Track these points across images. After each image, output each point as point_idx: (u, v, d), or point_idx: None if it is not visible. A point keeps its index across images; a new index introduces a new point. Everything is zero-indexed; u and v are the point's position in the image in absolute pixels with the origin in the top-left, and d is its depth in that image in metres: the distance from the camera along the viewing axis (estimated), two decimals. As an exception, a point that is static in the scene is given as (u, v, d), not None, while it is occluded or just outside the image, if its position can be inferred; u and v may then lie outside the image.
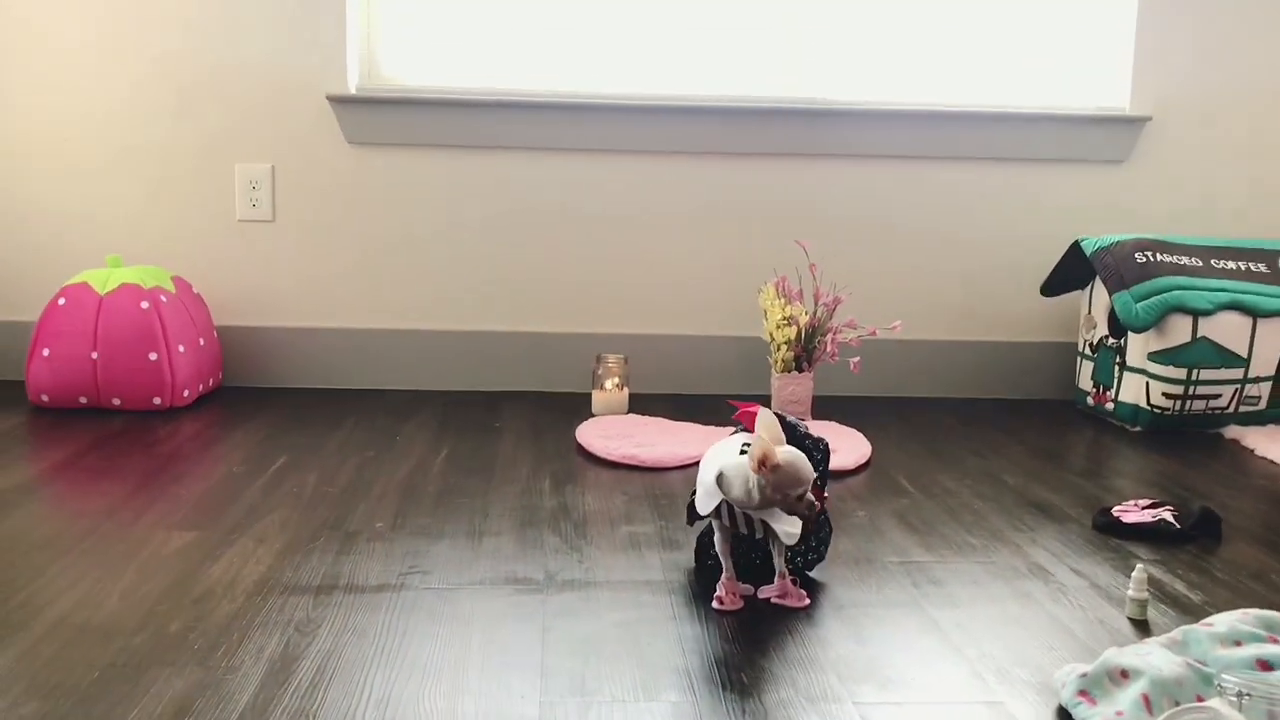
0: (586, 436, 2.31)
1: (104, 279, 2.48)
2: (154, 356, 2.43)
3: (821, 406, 2.63)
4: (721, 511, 1.46)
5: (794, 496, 1.40)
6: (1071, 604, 1.52)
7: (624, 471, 2.13)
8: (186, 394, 2.51)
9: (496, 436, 2.36)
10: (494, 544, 1.70)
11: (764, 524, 1.45)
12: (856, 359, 2.59)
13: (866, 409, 2.67)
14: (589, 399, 2.61)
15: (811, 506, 1.41)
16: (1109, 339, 2.62)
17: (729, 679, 1.27)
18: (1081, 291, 2.74)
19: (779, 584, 1.50)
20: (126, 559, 1.60)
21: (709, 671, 1.29)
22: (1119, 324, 2.54)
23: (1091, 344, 2.69)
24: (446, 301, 2.80)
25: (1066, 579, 1.62)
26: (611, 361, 2.60)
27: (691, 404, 2.68)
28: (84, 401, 2.46)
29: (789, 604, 1.49)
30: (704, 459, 1.53)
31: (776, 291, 2.56)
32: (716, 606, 1.47)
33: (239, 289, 2.76)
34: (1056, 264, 2.72)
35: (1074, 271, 2.70)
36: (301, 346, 2.78)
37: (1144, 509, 1.87)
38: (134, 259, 2.70)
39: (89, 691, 1.20)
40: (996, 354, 2.87)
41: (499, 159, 2.75)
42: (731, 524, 1.47)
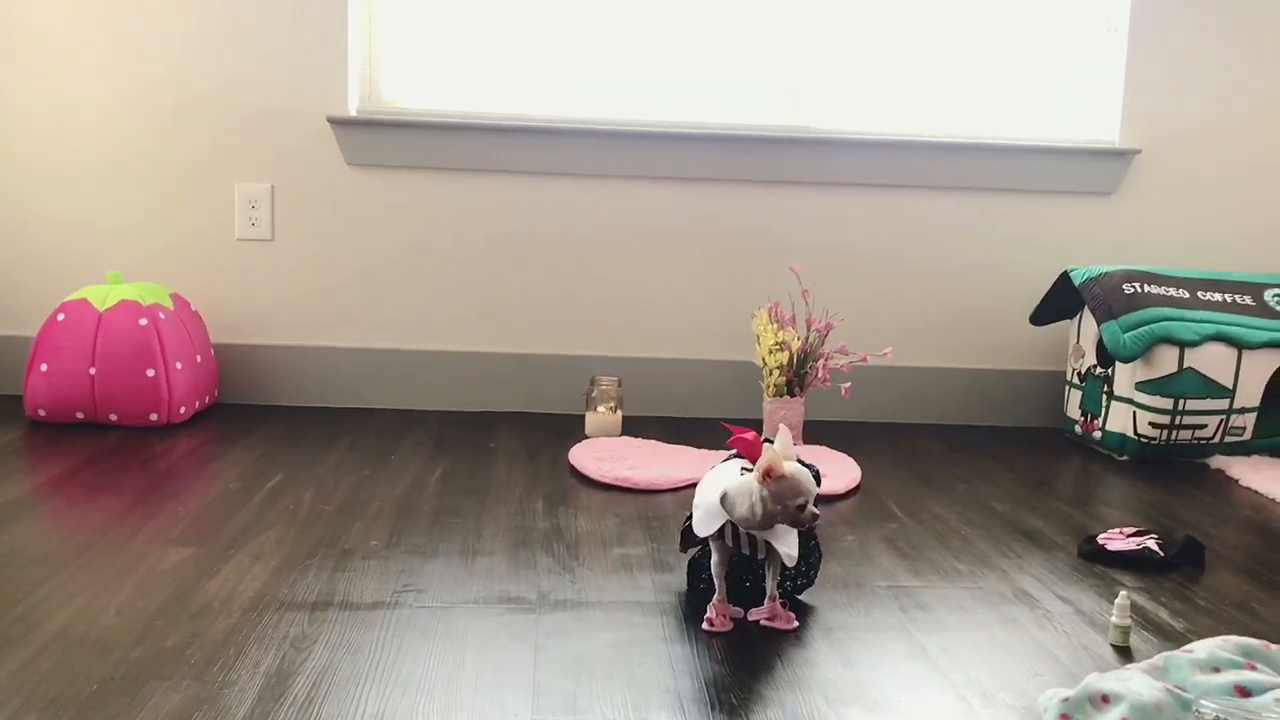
0: (580, 458, 2.33)
1: (103, 295, 2.50)
2: (151, 373, 2.45)
3: (812, 431, 2.66)
4: (725, 532, 1.49)
5: (795, 507, 1.43)
6: (1056, 630, 1.55)
7: (617, 493, 2.15)
8: (183, 410, 2.53)
9: (491, 457, 2.38)
10: (487, 563, 1.72)
11: (766, 544, 1.47)
12: (847, 385, 2.62)
13: (857, 434, 2.70)
14: (583, 421, 2.64)
15: (814, 516, 1.44)
16: (1097, 368, 2.65)
17: (718, 700, 1.29)
18: (1070, 321, 2.77)
19: (769, 606, 1.53)
20: (124, 574, 1.61)
21: (699, 692, 1.31)
22: (1107, 354, 2.58)
23: (1080, 373, 2.72)
24: (443, 322, 2.82)
25: (1052, 605, 1.64)
26: (605, 384, 2.62)
27: (684, 427, 2.70)
28: (81, 417, 2.47)
29: (778, 626, 1.51)
30: (702, 483, 1.56)
31: (769, 317, 2.59)
32: (707, 628, 1.49)
33: (237, 307, 2.79)
34: (1046, 294, 2.75)
35: (1063, 301, 2.73)
36: (298, 365, 2.80)
37: (1129, 537, 1.89)
38: (134, 276, 2.72)
39: (87, 705, 1.22)
40: (986, 382, 2.91)
41: (496, 182, 2.78)
42: (734, 544, 1.49)
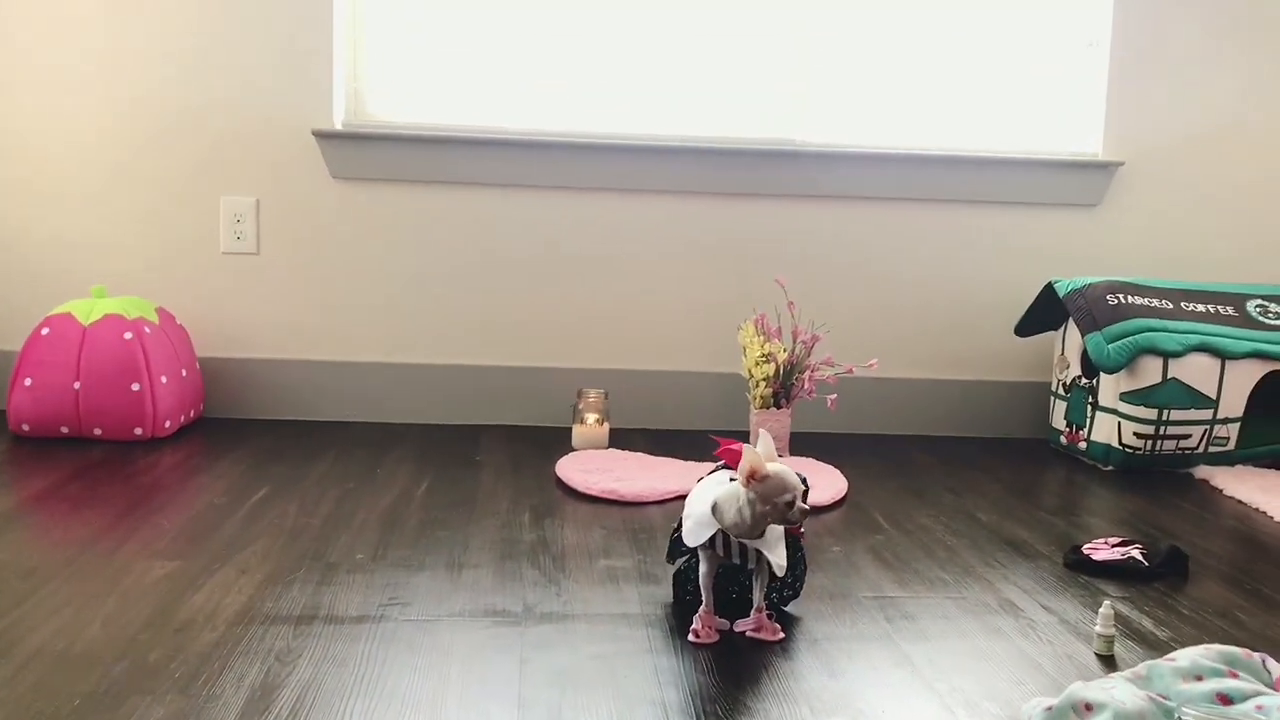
0: (566, 470, 2.33)
1: (88, 309, 2.49)
2: (136, 387, 2.44)
3: (799, 443, 2.66)
4: (716, 541, 1.49)
5: (783, 504, 1.43)
6: (1041, 639, 1.55)
7: (603, 506, 2.15)
8: (168, 425, 2.52)
9: (477, 470, 2.38)
10: (473, 576, 1.71)
11: (757, 553, 1.47)
12: (833, 396, 2.63)
13: (843, 446, 2.70)
14: (569, 433, 2.64)
15: (804, 512, 1.44)
16: (1082, 379, 2.67)
17: (704, 711, 1.29)
18: (1055, 332, 2.79)
19: (755, 618, 1.53)
20: (108, 588, 1.61)
21: (685, 704, 1.31)
22: (1091, 364, 2.59)
23: (1065, 384, 2.74)
24: (428, 335, 2.82)
25: (1036, 615, 1.65)
26: (592, 396, 2.62)
27: (671, 439, 2.71)
28: (65, 431, 2.47)
29: (764, 638, 1.51)
30: (692, 494, 1.56)
31: (755, 329, 2.59)
32: (693, 639, 1.49)
33: (222, 321, 2.78)
34: (1030, 305, 2.76)
35: (1048, 313, 2.75)
36: (284, 379, 2.79)
37: (1114, 547, 1.90)
38: (119, 289, 2.72)
39: (70, 719, 1.21)
40: (971, 393, 2.92)
41: (482, 195, 2.79)
42: (725, 554, 1.50)
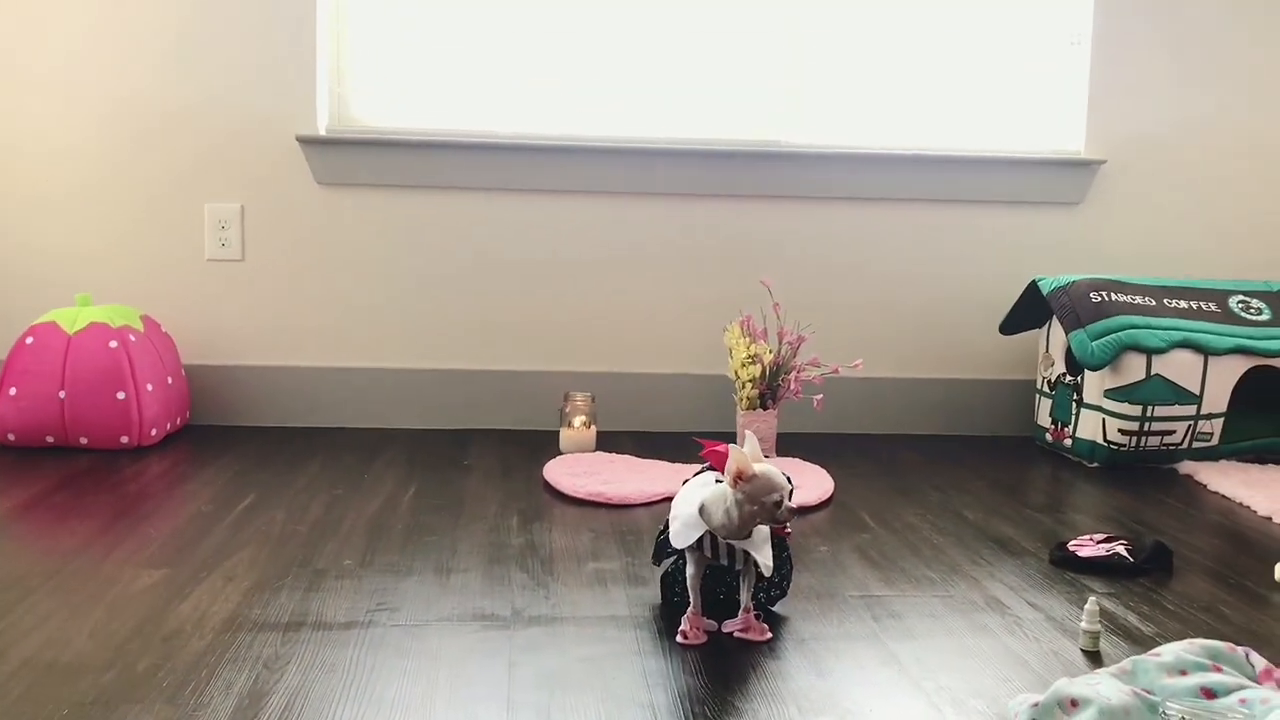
0: (554, 474, 2.34)
1: (72, 318, 2.49)
2: (122, 395, 2.44)
3: (785, 443, 2.67)
4: (703, 543, 1.49)
5: (771, 503, 1.43)
6: (1027, 636, 1.56)
7: (591, 509, 2.15)
8: (154, 433, 2.51)
9: (464, 474, 2.38)
10: (462, 581, 1.72)
11: (745, 554, 1.48)
12: (819, 397, 2.63)
13: (830, 446, 2.71)
14: (556, 437, 2.64)
15: (791, 511, 1.44)
16: (1066, 376, 2.68)
17: (693, 712, 1.30)
18: (1039, 330, 2.80)
19: (742, 618, 1.53)
20: (95, 597, 1.60)
21: (673, 705, 1.32)
22: (1076, 362, 2.60)
23: (1049, 381, 2.75)
24: (415, 340, 2.82)
25: (1023, 612, 1.65)
26: (579, 399, 2.63)
27: (658, 441, 2.71)
28: (50, 441, 2.46)
29: (751, 638, 1.51)
30: (679, 496, 1.57)
31: (741, 330, 2.60)
32: (681, 641, 1.50)
33: (208, 328, 2.78)
34: (1015, 303, 2.78)
35: (1032, 310, 2.76)
36: (270, 385, 2.79)
37: (1099, 543, 1.91)
38: (103, 297, 2.71)
39: (58, 729, 1.21)
40: (957, 391, 2.93)
41: (467, 199, 2.79)
42: (713, 555, 1.50)
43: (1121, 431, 2.53)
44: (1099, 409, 2.56)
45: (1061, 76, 2.91)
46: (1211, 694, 1.25)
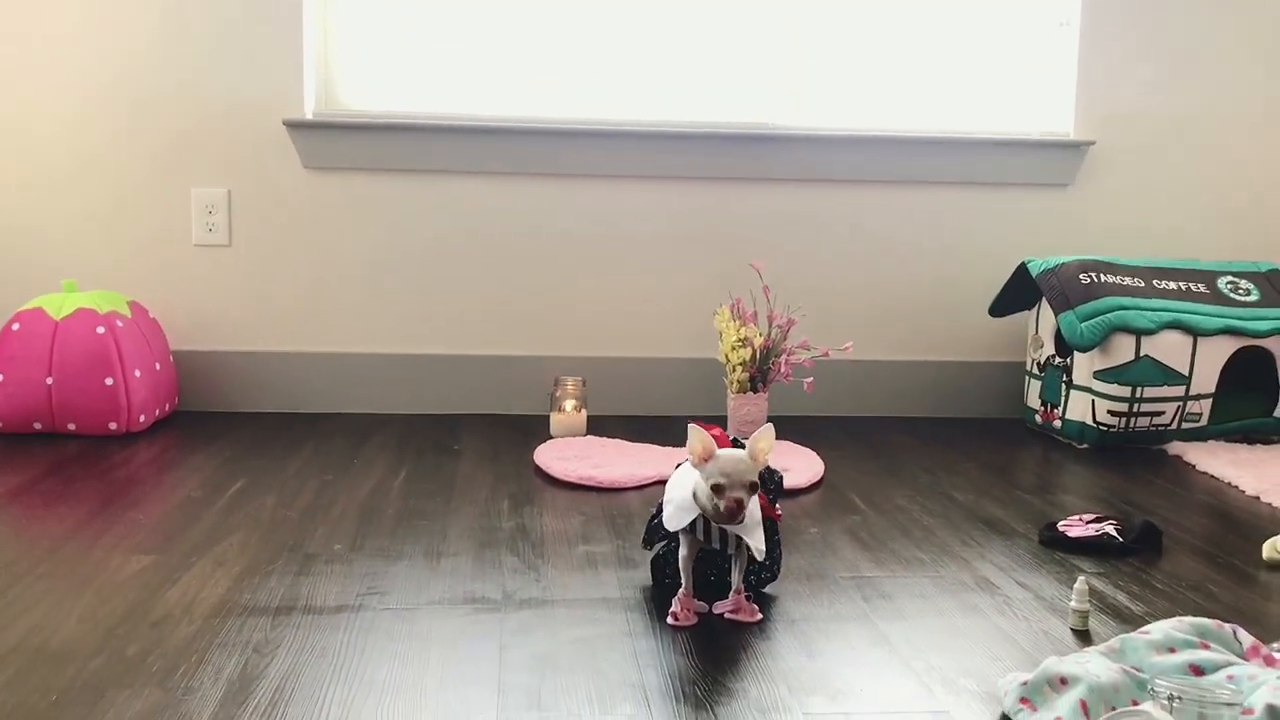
0: (544, 458, 2.33)
1: (59, 304, 2.47)
2: (110, 381, 2.43)
3: (776, 427, 2.65)
4: (696, 526, 1.49)
5: (711, 486, 1.43)
6: (1016, 616, 1.56)
7: (581, 492, 2.15)
8: (143, 419, 2.51)
9: (455, 459, 2.38)
10: (452, 564, 1.71)
11: (736, 538, 1.48)
12: (810, 379, 2.63)
13: (820, 429, 2.71)
14: (547, 421, 2.64)
15: (735, 502, 1.43)
16: (1056, 358, 2.68)
17: (684, 692, 1.30)
18: (1029, 312, 2.80)
19: (733, 599, 1.53)
20: (84, 583, 1.60)
21: (664, 685, 1.32)
22: (1065, 343, 2.61)
23: (1039, 363, 2.75)
24: (404, 325, 2.82)
25: (1012, 592, 1.66)
26: (569, 384, 2.62)
27: (648, 425, 2.71)
28: (38, 427, 2.45)
29: (742, 619, 1.52)
30: (672, 479, 1.57)
31: (731, 314, 2.60)
32: (671, 622, 1.50)
33: (196, 313, 2.77)
34: (1004, 285, 2.78)
35: (1021, 292, 2.76)
36: (258, 371, 2.78)
37: (1088, 523, 1.92)
38: (90, 283, 2.69)
39: (47, 715, 1.21)
40: (946, 373, 2.93)
41: (456, 184, 2.78)
42: (705, 538, 1.50)
43: (1111, 413, 2.53)
44: (1088, 390, 2.56)
45: (1050, 58, 2.90)
46: (1200, 671, 1.26)
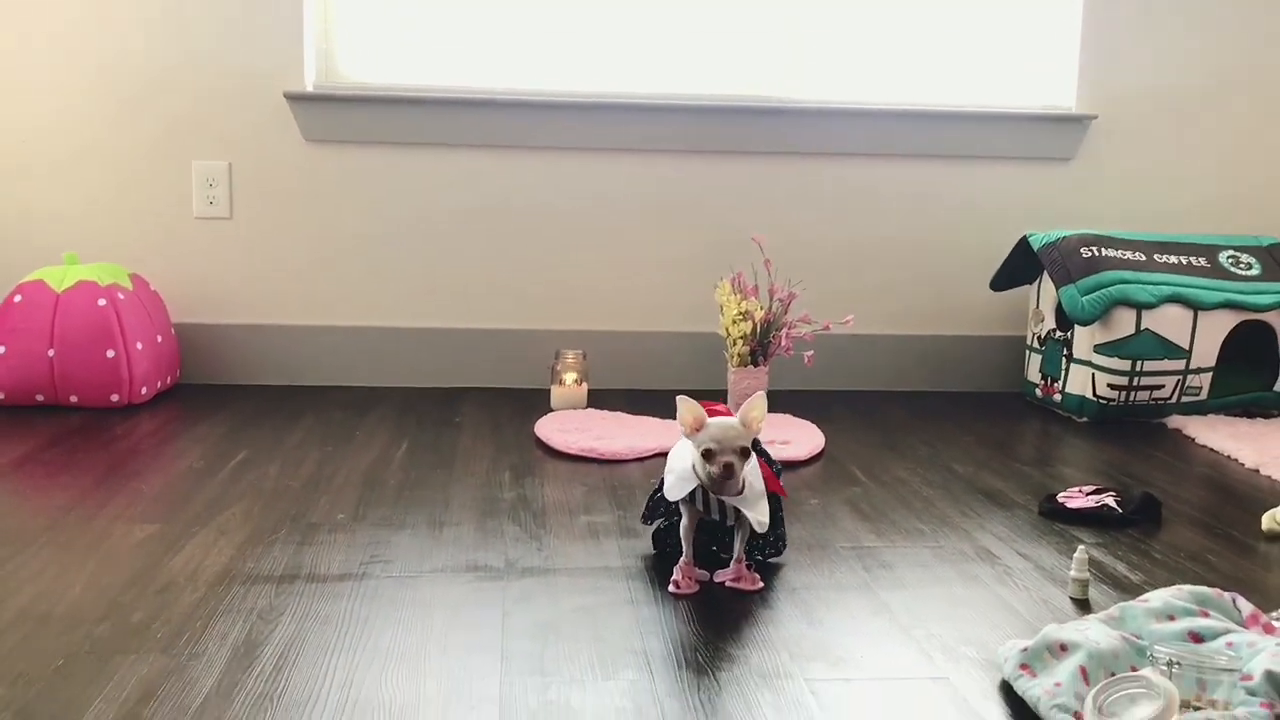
0: (545, 430, 2.34)
1: (60, 276, 2.47)
2: (111, 354, 2.43)
3: (776, 400, 2.65)
4: (696, 496, 1.50)
5: (701, 451, 1.44)
6: (1016, 585, 1.57)
7: (582, 464, 2.16)
8: (144, 391, 2.51)
9: (456, 431, 2.38)
10: (454, 534, 1.72)
11: (736, 511, 1.48)
12: (810, 353, 2.63)
13: (820, 402, 2.72)
14: (547, 395, 2.64)
15: (725, 467, 1.43)
16: (1056, 332, 2.69)
17: (685, 658, 1.31)
18: (1029, 286, 2.80)
19: (734, 568, 1.54)
20: (88, 552, 1.61)
21: (666, 651, 1.33)
22: (1065, 317, 2.61)
23: (1039, 337, 2.75)
24: (404, 298, 2.81)
25: (1012, 562, 1.67)
26: (570, 357, 2.62)
27: (649, 399, 2.71)
28: (41, 399, 2.45)
29: (743, 588, 1.52)
30: (673, 451, 1.57)
31: (732, 287, 2.59)
32: (673, 590, 1.51)
33: (197, 286, 2.76)
34: (1005, 259, 2.78)
35: (1022, 266, 2.76)
36: (259, 344, 2.78)
37: (1088, 495, 1.92)
38: (91, 256, 2.69)
39: (54, 678, 1.21)
40: (947, 347, 2.93)
41: (457, 156, 2.77)
42: (705, 509, 1.51)
43: (1111, 386, 2.54)
44: (1088, 364, 2.56)
45: (1053, 30, 2.89)
46: (1199, 638, 1.27)
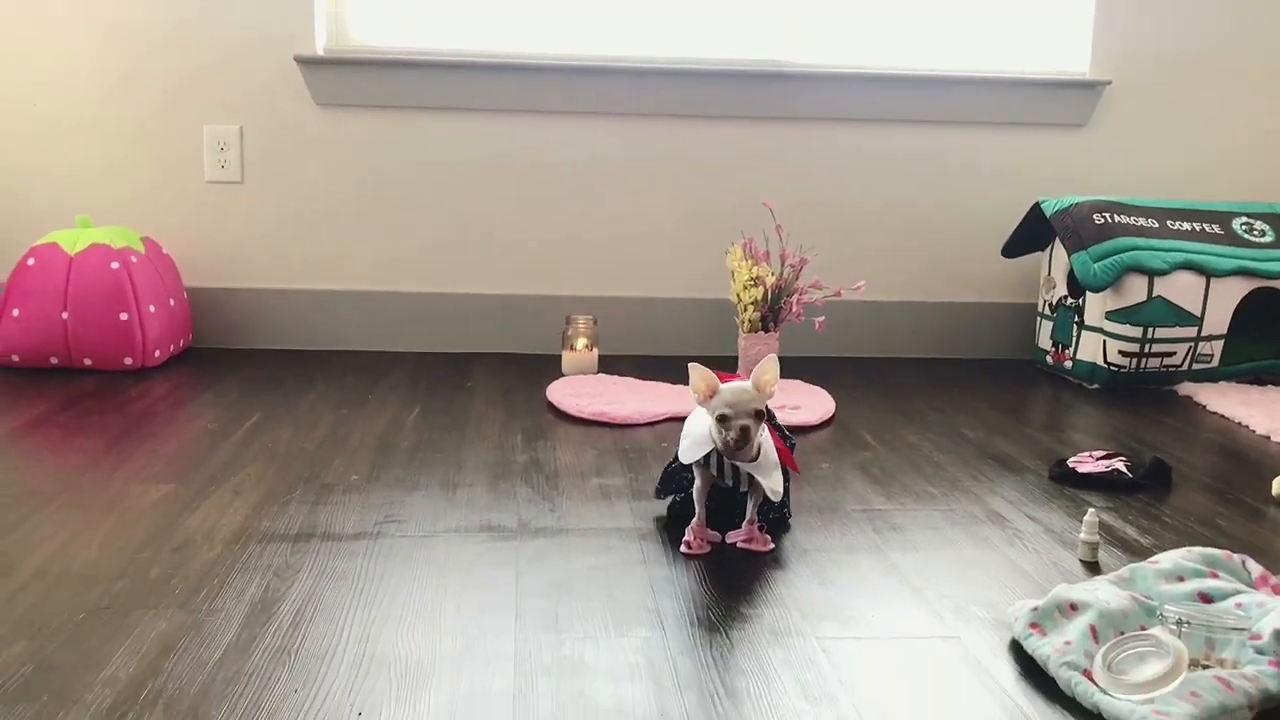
0: (557, 395, 2.35)
1: (73, 239, 2.48)
2: (124, 316, 2.44)
3: (787, 367, 2.65)
4: (710, 461, 1.51)
5: (751, 411, 1.44)
6: (1027, 548, 1.58)
7: (594, 428, 2.17)
8: (157, 354, 2.52)
9: (468, 396, 2.39)
10: (468, 495, 1.73)
11: (750, 477, 1.49)
12: (821, 319, 2.63)
13: (832, 368, 2.72)
14: (558, 360, 2.65)
15: (740, 431, 1.44)
16: (1068, 299, 2.68)
17: (697, 616, 1.32)
18: (1041, 252, 2.80)
19: (746, 529, 1.55)
20: (105, 511, 1.62)
21: (678, 610, 1.34)
22: (1077, 284, 2.60)
23: (1051, 304, 2.75)
24: (415, 263, 2.82)
25: (1022, 525, 1.67)
26: (581, 322, 2.63)
27: (659, 365, 2.71)
28: (55, 362, 2.46)
29: (755, 549, 1.53)
30: (689, 419, 1.59)
31: (743, 253, 2.59)
32: (685, 551, 1.52)
33: (208, 250, 2.77)
34: (1017, 225, 2.77)
35: (1034, 233, 2.75)
36: (272, 308, 2.79)
37: (1098, 460, 1.93)
38: (103, 220, 2.70)
39: (75, 632, 1.23)
40: (958, 314, 2.93)
41: (467, 120, 2.77)
42: (719, 474, 1.51)
43: (1122, 353, 2.53)
44: (1100, 331, 2.56)
45: (1068, -4, 2.87)
46: (1208, 599, 1.27)
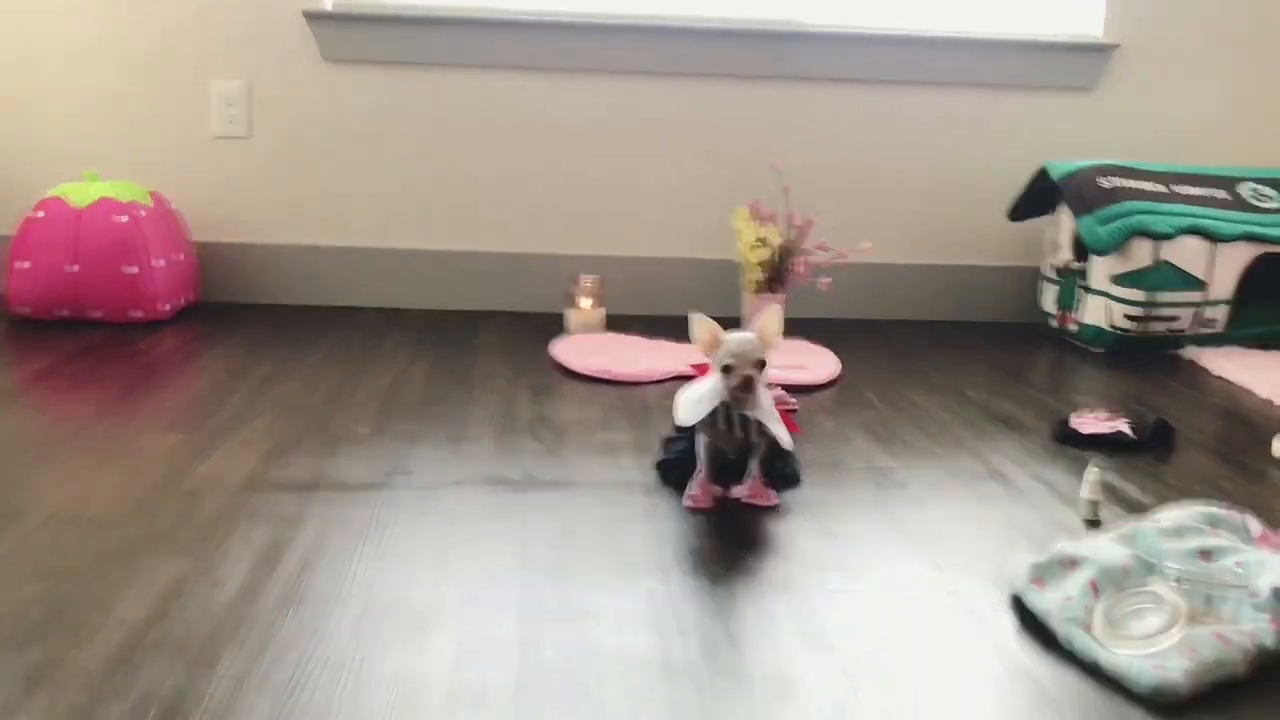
0: (563, 353, 2.36)
1: (82, 193, 2.48)
2: (133, 269, 2.44)
3: (793, 328, 2.66)
4: (717, 416, 1.52)
5: (754, 359, 1.46)
6: (1029, 505, 1.59)
7: (600, 385, 2.18)
8: (166, 307, 2.53)
9: (474, 352, 2.40)
10: (474, 448, 1.75)
11: (758, 427, 1.50)
12: (827, 280, 2.63)
13: (837, 330, 2.72)
14: (563, 319, 2.65)
15: (743, 379, 1.45)
16: (1074, 262, 2.68)
17: (700, 567, 1.34)
18: (1048, 216, 2.79)
19: (750, 484, 1.56)
20: (115, 459, 1.63)
21: (683, 561, 1.35)
22: (1083, 247, 2.60)
23: (1056, 267, 2.75)
24: (422, 221, 2.82)
25: (1025, 483, 1.69)
26: (587, 281, 2.63)
27: (665, 325, 2.71)
28: (64, 314, 2.47)
29: (759, 503, 1.55)
30: (680, 391, 1.61)
31: (750, 213, 2.59)
32: (689, 504, 1.53)
33: (215, 205, 2.77)
34: (1024, 189, 2.76)
35: (1041, 197, 2.75)
36: (279, 263, 2.80)
37: (1102, 421, 1.94)
38: (110, 174, 2.69)
39: (87, 574, 1.25)
40: (964, 277, 2.93)
41: (476, 78, 2.76)
42: (728, 427, 1.52)
43: (1127, 317, 2.54)
44: (1105, 295, 2.56)
45: (1081, -42, 2.85)
46: (1209, 556, 1.28)
